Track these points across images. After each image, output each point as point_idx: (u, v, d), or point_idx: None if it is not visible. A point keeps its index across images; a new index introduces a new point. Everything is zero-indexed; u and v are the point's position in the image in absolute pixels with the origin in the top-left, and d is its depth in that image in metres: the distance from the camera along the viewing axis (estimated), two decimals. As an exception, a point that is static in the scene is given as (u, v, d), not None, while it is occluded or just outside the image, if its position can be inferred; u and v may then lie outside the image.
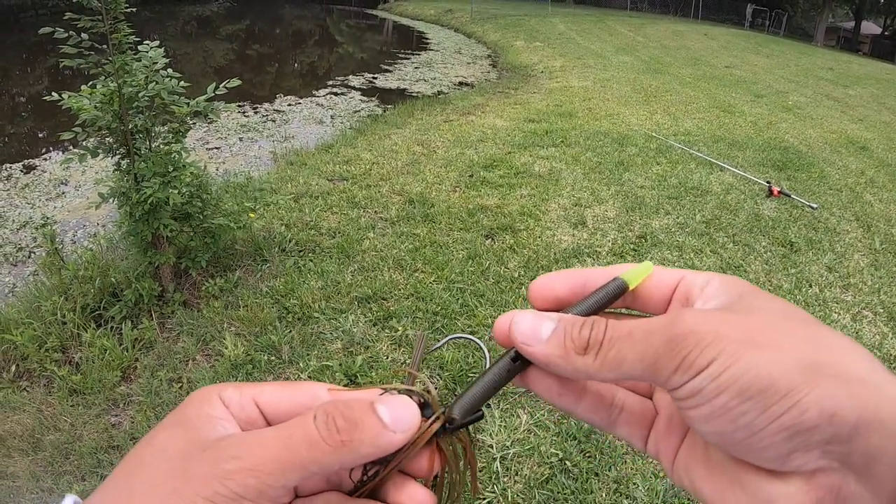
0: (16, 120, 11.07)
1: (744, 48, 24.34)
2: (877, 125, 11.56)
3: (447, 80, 15.29)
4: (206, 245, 4.21)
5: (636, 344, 0.35)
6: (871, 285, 4.94)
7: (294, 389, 0.42)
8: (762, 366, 0.31)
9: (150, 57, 3.76)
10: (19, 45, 19.34)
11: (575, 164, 7.38)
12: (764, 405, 0.31)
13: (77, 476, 2.90)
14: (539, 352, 0.39)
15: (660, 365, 0.34)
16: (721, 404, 0.32)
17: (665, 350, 0.34)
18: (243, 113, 10.72)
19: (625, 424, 0.44)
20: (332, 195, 6.03)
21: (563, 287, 0.44)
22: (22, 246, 5.66)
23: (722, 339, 0.33)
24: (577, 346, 0.38)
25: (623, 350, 0.36)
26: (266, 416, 0.41)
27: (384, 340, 3.83)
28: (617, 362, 0.36)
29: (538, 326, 0.39)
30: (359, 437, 0.37)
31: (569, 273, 0.45)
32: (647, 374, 0.35)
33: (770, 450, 0.32)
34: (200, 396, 0.40)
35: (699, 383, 0.32)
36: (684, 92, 13.09)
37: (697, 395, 0.33)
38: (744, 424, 0.32)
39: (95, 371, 3.46)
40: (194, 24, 28.18)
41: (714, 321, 0.34)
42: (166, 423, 0.39)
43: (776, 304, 0.37)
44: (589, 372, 0.37)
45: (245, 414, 0.40)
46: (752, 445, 0.32)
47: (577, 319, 0.39)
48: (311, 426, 0.36)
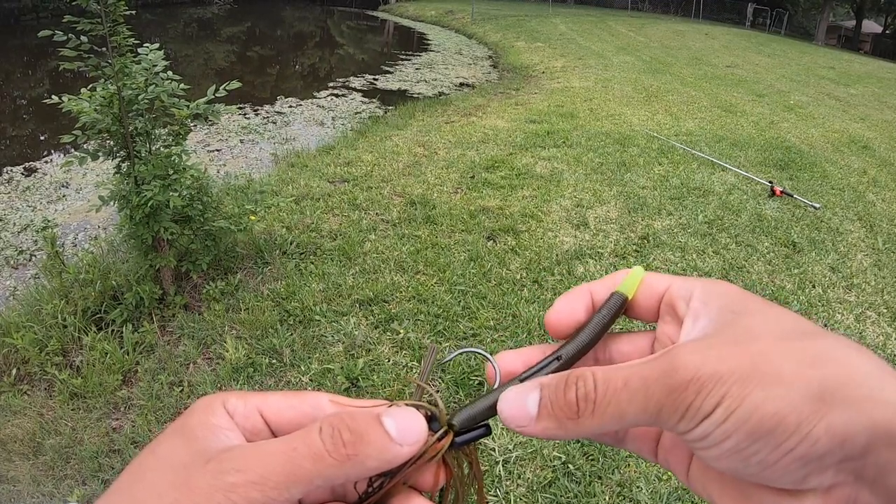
0: (17, 123, 11.08)
1: (745, 48, 24.32)
2: (879, 124, 11.53)
3: (448, 81, 15.29)
4: (206, 248, 4.20)
5: (634, 396, 0.34)
6: (874, 285, 4.92)
7: (299, 399, 0.41)
8: (768, 404, 0.31)
9: (150, 59, 3.75)
10: (20, 49, 19.35)
11: (576, 165, 7.36)
12: (775, 443, 0.30)
13: (78, 480, 2.89)
14: (535, 431, 0.38)
15: (663, 415, 0.33)
16: (730, 447, 0.32)
17: (667, 400, 0.33)
18: (244, 115, 10.72)
19: (632, 441, 0.44)
20: (333, 197, 6.02)
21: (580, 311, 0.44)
22: (23, 249, 5.66)
23: (723, 379, 0.32)
24: (568, 411, 0.36)
25: (622, 404, 0.34)
26: (270, 427, 0.40)
27: (386, 343, 3.82)
28: (618, 417, 0.35)
29: (523, 403, 0.38)
30: (364, 450, 0.36)
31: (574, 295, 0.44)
32: (652, 423, 0.34)
33: (785, 478, 0.32)
34: (204, 405, 0.39)
35: (706, 429, 0.32)
36: (685, 92, 13.07)
37: (705, 440, 0.32)
38: (756, 462, 0.31)
39: (96, 374, 3.45)
40: (195, 27, 28.20)
41: (711, 360, 0.33)
42: (169, 432, 0.38)
43: (768, 317, 0.36)
44: (590, 432, 0.36)
45: (250, 424, 0.40)
46: (767, 476, 0.32)
47: (559, 382, 0.37)
48: (316, 439, 0.36)
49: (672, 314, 0.41)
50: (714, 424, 0.31)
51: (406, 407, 0.40)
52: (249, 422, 0.40)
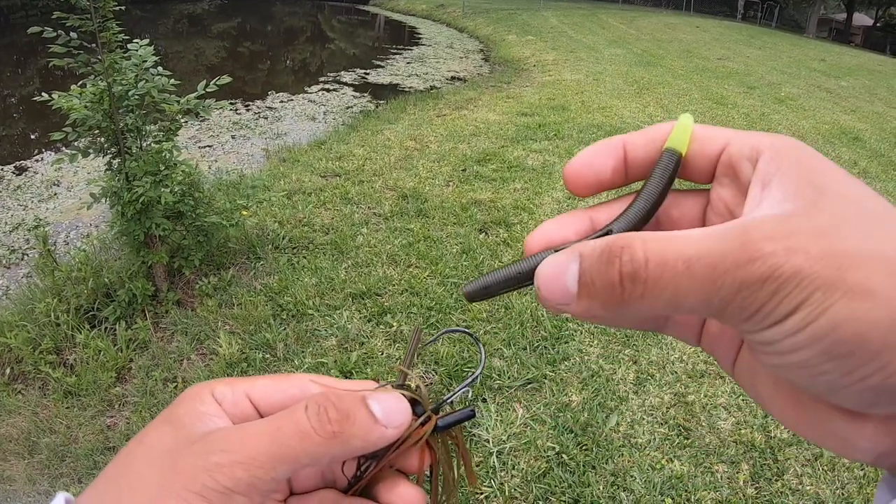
0: (7, 121, 11.02)
1: (736, 40, 24.34)
2: (869, 116, 11.57)
3: (439, 75, 15.26)
4: (199, 243, 4.20)
5: (697, 285, 0.28)
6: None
7: (286, 382, 0.41)
8: (852, 322, 0.26)
9: (140, 55, 3.74)
10: (10, 47, 19.24)
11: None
12: (850, 367, 0.27)
13: (73, 478, 2.89)
14: (578, 311, 0.33)
15: (728, 311, 0.28)
16: (800, 360, 0.28)
17: (736, 296, 0.28)
18: (235, 110, 10.69)
19: (675, 326, 0.40)
20: (325, 191, 6.02)
21: (606, 166, 0.38)
22: (15, 248, 5.64)
23: (805, 281, 0.26)
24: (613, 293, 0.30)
25: (680, 292, 0.28)
26: (260, 411, 0.40)
27: (379, 336, 3.83)
28: (672, 304, 0.29)
29: (562, 277, 0.32)
30: (350, 429, 0.36)
31: (603, 146, 0.38)
32: (711, 315, 0.29)
33: (850, 401, 0.29)
34: (192, 394, 0.40)
35: (774, 335, 0.28)
36: (677, 84, 13.09)
37: (771, 345, 0.28)
38: (824, 382, 0.28)
39: (90, 372, 3.45)
40: (185, 23, 28.08)
41: (796, 253, 0.27)
42: (157, 422, 0.38)
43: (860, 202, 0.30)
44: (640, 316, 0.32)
45: (239, 410, 0.40)
46: (831, 397, 0.29)
47: (601, 251, 0.31)
48: (301, 417, 0.36)
49: (732, 176, 0.35)
50: (785, 333, 0.27)
51: (391, 390, 0.40)
52: (238, 408, 0.40)
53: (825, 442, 0.32)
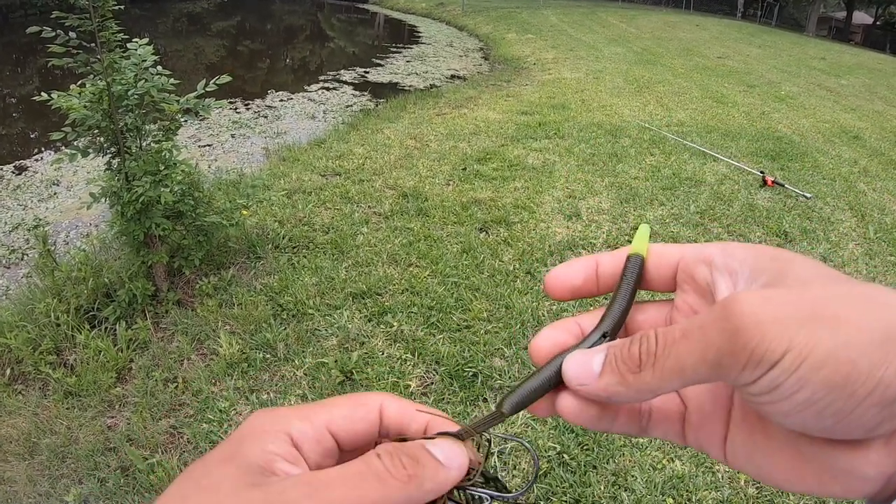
0: (7, 121, 11.01)
1: (736, 39, 24.32)
2: (869, 114, 11.56)
3: (439, 74, 15.25)
4: (199, 243, 4.19)
5: (694, 346, 0.32)
6: (865, 275, 4.95)
7: (363, 408, 0.41)
8: (840, 350, 0.29)
9: (139, 55, 3.73)
10: (9, 46, 19.22)
11: (568, 156, 7.36)
12: (850, 391, 0.29)
13: (74, 479, 2.88)
14: (596, 388, 0.37)
15: (724, 363, 0.31)
16: (804, 399, 0.30)
17: (728, 346, 0.31)
18: (235, 109, 10.68)
19: (658, 426, 0.42)
20: (325, 190, 6.01)
21: (577, 277, 0.44)
22: (14, 248, 5.64)
23: (786, 324, 0.30)
24: (631, 364, 0.35)
25: (681, 355, 0.33)
26: (340, 444, 0.39)
27: (379, 336, 3.82)
28: (678, 370, 0.33)
29: (588, 362, 0.38)
30: (422, 472, 0.36)
31: (578, 262, 0.44)
32: (713, 376, 0.32)
33: (858, 428, 0.30)
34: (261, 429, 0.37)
35: (775, 378, 0.30)
36: (677, 83, 13.08)
37: (775, 392, 0.30)
38: (832, 413, 0.30)
39: (90, 373, 3.45)
40: (185, 21, 28.06)
41: (771, 304, 0.31)
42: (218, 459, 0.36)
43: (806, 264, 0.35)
44: (651, 388, 0.35)
45: (321, 447, 0.38)
46: (840, 430, 0.31)
47: (624, 341, 0.37)
48: (377, 463, 0.36)
49: (691, 282, 0.40)
50: (785, 373, 0.29)
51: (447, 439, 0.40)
52: (321, 445, 0.38)
53: (831, 488, 0.34)
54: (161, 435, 3.10)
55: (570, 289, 0.44)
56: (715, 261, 0.39)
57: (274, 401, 3.31)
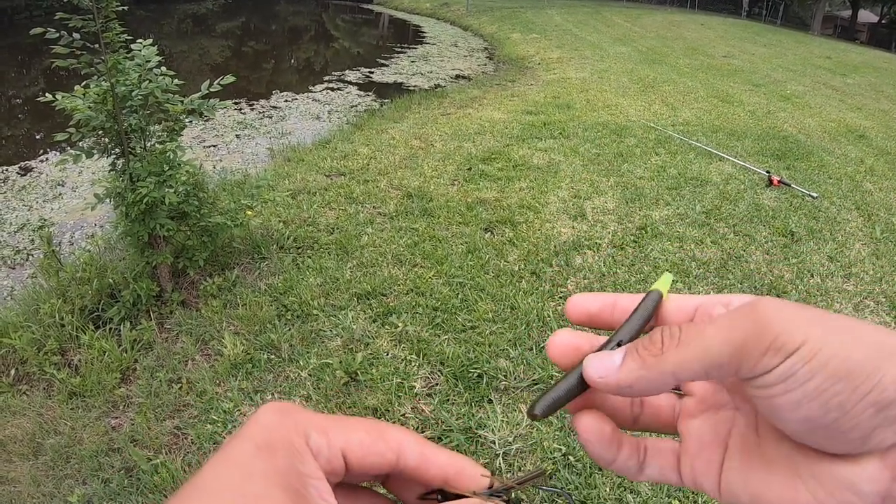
0: (12, 122, 11.04)
1: (741, 38, 24.28)
2: (875, 113, 11.52)
3: (444, 74, 15.25)
4: (203, 244, 4.19)
5: (720, 330, 0.35)
6: (872, 275, 4.92)
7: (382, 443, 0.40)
8: (847, 348, 0.32)
9: (143, 55, 3.73)
10: (14, 48, 19.27)
11: (573, 156, 7.35)
12: (853, 385, 0.31)
13: (78, 480, 2.88)
14: (617, 377, 0.38)
15: (749, 347, 0.33)
16: (815, 387, 0.32)
17: (754, 332, 0.33)
18: (240, 110, 10.69)
19: (652, 462, 0.43)
20: (330, 191, 6.00)
21: (595, 304, 0.45)
22: (20, 249, 5.64)
23: (806, 322, 0.33)
24: (653, 349, 0.37)
25: (707, 336, 0.35)
26: (349, 469, 0.39)
27: (384, 337, 3.81)
28: (702, 350, 0.35)
29: (609, 357, 0.39)
30: None
31: (601, 294, 0.46)
32: (735, 360, 0.34)
33: (857, 429, 0.32)
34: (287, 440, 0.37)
35: (792, 366, 0.32)
36: (682, 82, 13.05)
37: (789, 379, 0.32)
38: (836, 405, 0.32)
39: (95, 373, 3.44)
40: (189, 22, 28.11)
41: (793, 308, 0.34)
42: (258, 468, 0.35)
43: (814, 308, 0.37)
44: (672, 369, 0.36)
45: (331, 467, 0.38)
46: (840, 427, 0.32)
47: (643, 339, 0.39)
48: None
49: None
50: (801, 361, 0.32)
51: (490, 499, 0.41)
52: (332, 465, 0.38)
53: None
54: (165, 436, 3.10)
55: (586, 313, 0.45)
56: (733, 302, 0.41)
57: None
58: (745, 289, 4.50)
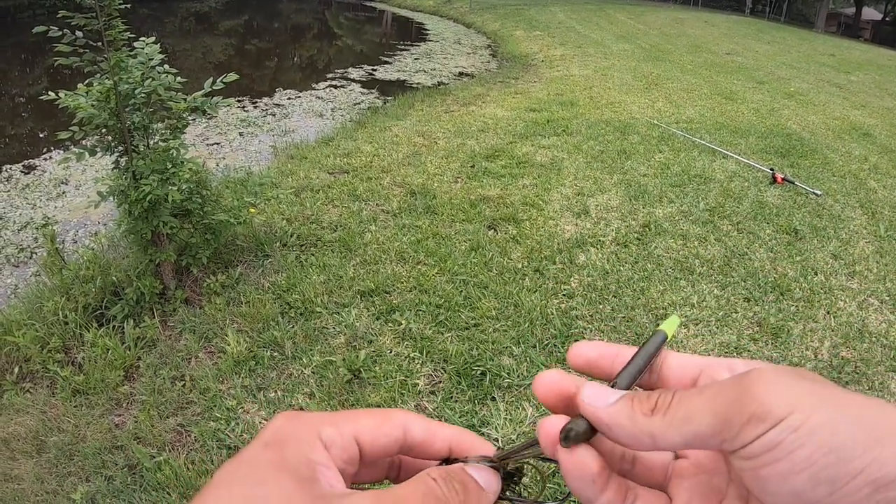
0: (16, 121, 11.04)
1: (744, 35, 24.23)
2: (879, 111, 11.49)
3: (447, 71, 15.24)
4: (206, 241, 4.19)
5: (705, 400, 0.34)
6: (876, 273, 4.91)
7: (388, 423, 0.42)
8: (840, 421, 0.30)
9: (146, 53, 3.73)
10: (17, 46, 19.27)
11: (577, 153, 7.34)
12: (847, 459, 0.29)
13: (81, 477, 2.88)
14: (605, 413, 0.38)
15: (732, 417, 0.32)
16: (803, 457, 0.30)
17: (738, 401, 0.33)
18: (243, 108, 10.69)
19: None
20: (333, 188, 6.00)
21: (594, 350, 0.45)
22: (23, 247, 5.65)
23: (796, 392, 0.32)
24: (646, 408, 0.37)
25: (692, 407, 0.35)
26: (362, 453, 0.41)
27: (387, 334, 3.81)
28: (686, 419, 0.34)
29: (606, 392, 0.39)
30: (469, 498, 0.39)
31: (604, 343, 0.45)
32: (717, 430, 0.33)
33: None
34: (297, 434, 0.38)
35: (778, 435, 0.31)
36: (685, 79, 13.03)
37: (776, 449, 0.31)
38: (826, 479, 0.30)
39: (98, 371, 3.45)
40: (192, 21, 28.09)
41: (784, 376, 0.33)
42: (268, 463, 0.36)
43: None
44: (654, 433, 0.36)
45: (346, 455, 0.40)
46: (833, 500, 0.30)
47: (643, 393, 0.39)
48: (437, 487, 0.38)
49: None
50: (788, 430, 0.31)
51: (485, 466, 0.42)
52: (347, 454, 0.40)
53: None
54: (168, 433, 3.10)
55: (584, 359, 0.45)
56: (738, 368, 0.40)
57: (281, 399, 3.30)
58: (748, 286, 4.49)
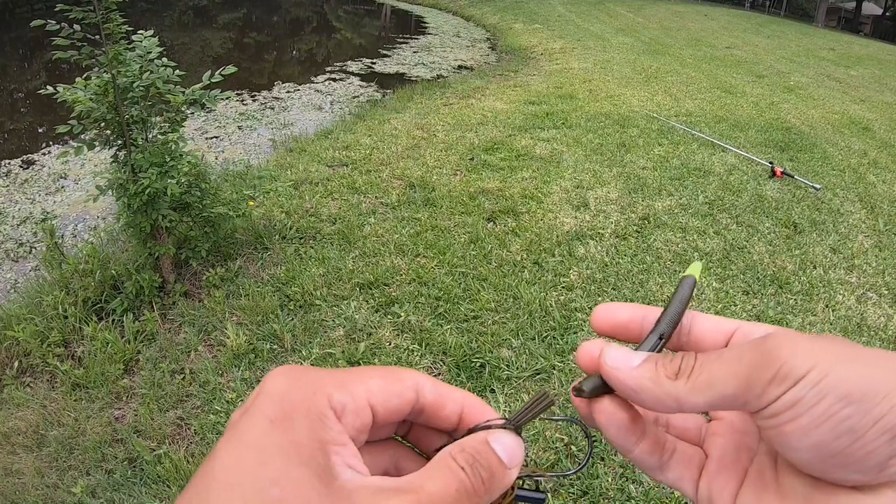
0: (14, 116, 11.01)
1: (744, 29, 24.19)
2: (879, 106, 11.47)
3: (446, 64, 15.20)
4: (205, 235, 4.19)
5: (727, 363, 0.35)
6: (875, 266, 4.91)
7: (399, 383, 0.40)
8: (859, 372, 0.31)
9: (145, 47, 3.72)
10: (16, 41, 19.22)
11: (576, 146, 7.33)
12: (866, 408, 0.31)
13: (82, 471, 2.89)
14: (628, 376, 0.38)
15: (754, 378, 0.33)
16: (823, 410, 0.31)
17: (759, 363, 0.33)
18: (242, 101, 10.66)
19: (676, 466, 0.43)
20: (332, 181, 6.00)
21: (625, 314, 0.45)
22: (23, 242, 5.64)
23: (815, 350, 0.33)
24: (670, 371, 0.37)
25: (714, 370, 0.35)
26: (375, 417, 0.38)
27: (387, 327, 3.81)
28: (709, 383, 0.35)
29: (630, 355, 0.39)
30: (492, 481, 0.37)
31: (632, 305, 0.45)
32: (741, 392, 0.34)
33: (871, 457, 0.31)
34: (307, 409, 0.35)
35: (799, 392, 0.32)
36: (685, 73, 13.01)
37: (797, 406, 0.32)
38: (847, 429, 0.31)
39: (98, 365, 3.45)
40: (191, 14, 28.01)
41: (803, 337, 0.34)
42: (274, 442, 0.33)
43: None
44: (678, 396, 0.36)
45: (359, 422, 0.37)
46: (854, 453, 0.31)
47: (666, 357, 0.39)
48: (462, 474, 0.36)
49: None
50: (808, 386, 0.31)
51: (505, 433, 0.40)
52: (360, 420, 0.37)
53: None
54: (168, 426, 3.11)
55: (613, 322, 0.45)
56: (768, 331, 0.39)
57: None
58: (747, 279, 4.50)
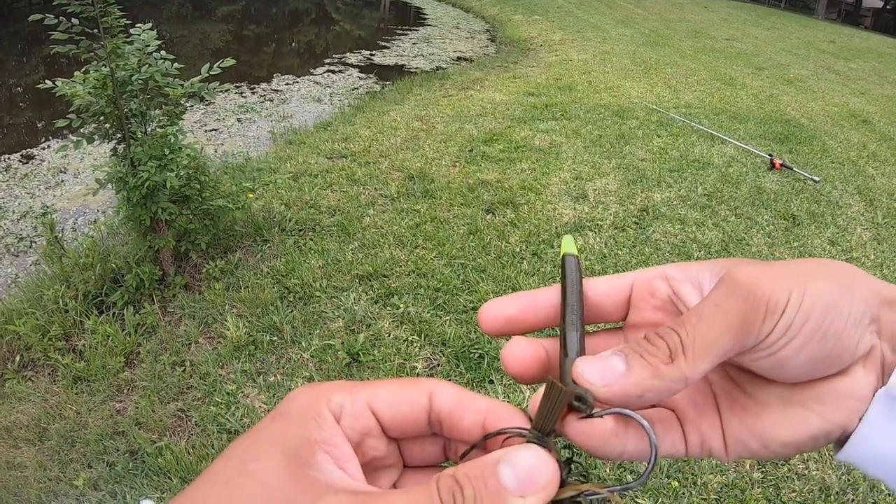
0: (13, 110, 11.00)
1: (744, 21, 24.11)
2: (878, 99, 11.46)
3: (445, 56, 15.16)
4: (205, 227, 4.20)
5: (714, 320, 0.35)
6: (873, 259, 4.92)
7: (414, 389, 0.38)
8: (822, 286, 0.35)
9: (143, 40, 3.72)
10: (14, 35, 19.15)
11: (575, 138, 7.33)
12: (838, 312, 0.35)
13: (83, 464, 2.91)
14: (626, 385, 0.35)
15: (748, 323, 0.35)
16: (813, 326, 0.35)
17: (748, 308, 0.35)
18: (241, 94, 10.64)
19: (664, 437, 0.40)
20: (332, 173, 6.00)
21: (513, 306, 0.43)
22: (23, 236, 5.65)
23: (782, 279, 0.36)
24: (663, 356, 0.35)
25: (706, 333, 0.35)
26: (383, 424, 0.37)
27: (386, 318, 3.83)
28: (706, 348, 0.35)
29: (607, 363, 0.36)
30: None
31: (516, 294, 0.44)
32: (738, 341, 0.35)
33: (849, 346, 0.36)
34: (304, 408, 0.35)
35: (789, 317, 0.34)
36: (685, 64, 12.98)
37: (790, 330, 0.35)
38: (833, 333, 0.35)
39: (99, 358, 3.46)
40: (189, 7, 27.91)
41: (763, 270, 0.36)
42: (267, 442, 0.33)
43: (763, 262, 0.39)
44: (685, 375, 0.34)
45: (359, 425, 0.36)
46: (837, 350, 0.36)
47: (639, 340, 0.36)
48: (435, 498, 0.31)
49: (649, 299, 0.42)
50: (793, 308, 0.34)
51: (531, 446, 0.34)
52: (359, 422, 0.36)
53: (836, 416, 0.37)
54: (169, 418, 3.12)
55: (504, 319, 0.43)
56: (673, 275, 0.42)
57: (281, 383, 3.32)
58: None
